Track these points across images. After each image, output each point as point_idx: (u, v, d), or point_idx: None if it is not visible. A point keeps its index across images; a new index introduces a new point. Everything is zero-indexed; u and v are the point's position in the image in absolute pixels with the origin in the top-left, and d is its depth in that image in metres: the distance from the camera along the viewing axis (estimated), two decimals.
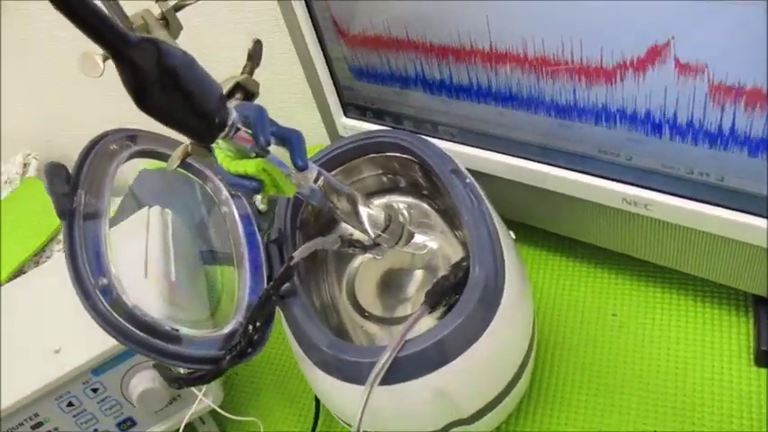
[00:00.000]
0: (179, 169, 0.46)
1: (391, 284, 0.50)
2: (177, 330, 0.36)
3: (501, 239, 0.42)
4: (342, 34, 0.52)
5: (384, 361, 0.36)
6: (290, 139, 0.36)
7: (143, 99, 0.28)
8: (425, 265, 0.49)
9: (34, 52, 0.88)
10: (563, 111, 0.44)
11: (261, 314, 0.36)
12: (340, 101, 0.59)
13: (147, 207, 0.56)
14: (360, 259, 0.51)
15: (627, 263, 0.55)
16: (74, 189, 0.38)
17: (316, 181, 0.39)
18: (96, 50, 0.33)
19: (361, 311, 0.49)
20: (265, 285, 0.43)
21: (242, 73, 0.40)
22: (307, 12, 0.52)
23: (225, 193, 0.46)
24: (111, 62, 0.28)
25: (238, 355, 0.35)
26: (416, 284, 0.49)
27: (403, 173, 0.51)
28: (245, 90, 0.40)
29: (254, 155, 0.35)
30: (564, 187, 0.48)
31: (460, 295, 0.38)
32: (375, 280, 0.50)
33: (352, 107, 0.59)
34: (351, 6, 0.50)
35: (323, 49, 0.55)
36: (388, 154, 0.49)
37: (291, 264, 0.39)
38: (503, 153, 0.51)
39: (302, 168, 0.36)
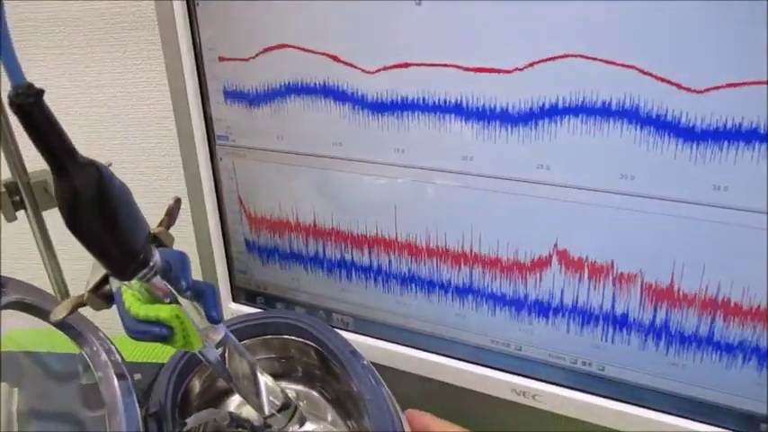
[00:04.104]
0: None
1: None
2: None
3: (402, 421, 0.41)
4: (248, 216, 0.54)
5: None
6: (205, 292, 0.35)
7: (72, 218, 0.27)
8: None
9: None
10: (460, 295, 0.47)
11: None
12: (231, 284, 0.58)
13: None
14: None
15: None
16: None
17: (220, 344, 0.37)
18: None
19: None
20: None
21: (159, 225, 0.39)
22: (214, 190, 0.54)
23: (104, 357, 0.41)
24: None
25: None
26: None
27: (297, 358, 0.49)
28: (160, 242, 0.39)
29: (167, 301, 0.33)
30: (457, 378, 0.49)
31: None
32: None
33: (243, 292, 0.58)
34: (258, 189, 0.52)
35: (222, 222, 0.55)
36: (284, 337, 0.48)
37: (185, 430, 0.34)
38: (397, 343, 0.52)
39: (217, 321, 0.34)
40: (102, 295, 0.37)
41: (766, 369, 0.39)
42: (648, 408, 0.43)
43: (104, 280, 0.37)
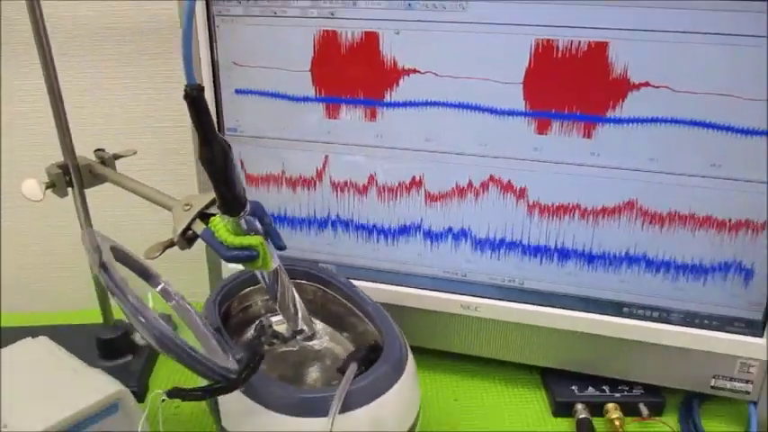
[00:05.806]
0: None
1: (296, 375, 0.59)
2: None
3: (394, 323, 0.58)
4: (246, 176, 0.68)
5: (342, 392, 0.47)
6: (272, 228, 0.50)
7: (211, 172, 0.42)
8: (321, 360, 0.61)
9: None
10: (420, 238, 0.65)
11: (253, 364, 0.46)
12: None
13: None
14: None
15: (463, 361, 0.73)
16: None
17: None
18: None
19: None
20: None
21: None
22: None
23: (171, 289, 0.54)
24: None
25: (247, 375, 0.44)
26: (316, 375, 0.60)
27: (303, 296, 0.64)
28: None
29: (252, 233, 0.48)
30: (419, 303, 0.67)
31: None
32: (282, 371, 0.59)
33: None
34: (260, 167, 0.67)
35: None
36: (297, 281, 0.63)
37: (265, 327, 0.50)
38: (374, 281, 0.69)
39: (283, 248, 0.50)
40: (187, 238, 0.51)
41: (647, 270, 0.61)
42: (556, 307, 0.64)
43: (188, 227, 0.51)
